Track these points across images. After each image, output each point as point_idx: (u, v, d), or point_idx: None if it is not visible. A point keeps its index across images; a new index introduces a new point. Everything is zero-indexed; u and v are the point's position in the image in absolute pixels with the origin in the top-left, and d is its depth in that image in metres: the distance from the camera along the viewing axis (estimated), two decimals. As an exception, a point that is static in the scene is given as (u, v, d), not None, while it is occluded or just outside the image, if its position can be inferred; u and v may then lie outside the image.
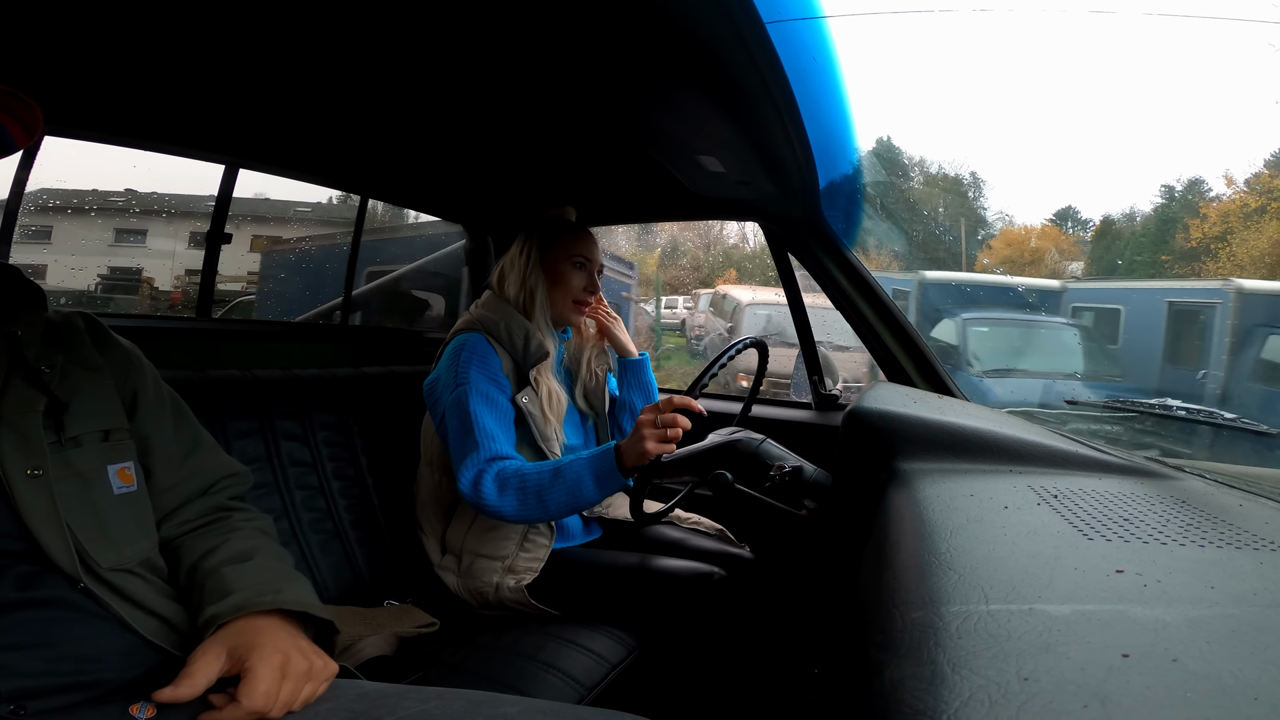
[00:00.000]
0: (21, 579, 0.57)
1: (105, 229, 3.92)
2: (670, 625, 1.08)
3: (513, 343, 1.12)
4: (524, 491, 0.99)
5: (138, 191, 3.43)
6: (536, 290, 1.16)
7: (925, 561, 0.50)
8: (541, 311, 1.17)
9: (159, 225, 5.70)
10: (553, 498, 0.98)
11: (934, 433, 0.85)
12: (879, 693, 0.38)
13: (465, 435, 1.04)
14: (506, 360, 1.12)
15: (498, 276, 1.20)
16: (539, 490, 0.99)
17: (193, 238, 6.12)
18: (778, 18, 0.75)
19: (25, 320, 0.65)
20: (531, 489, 0.99)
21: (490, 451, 1.02)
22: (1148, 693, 0.31)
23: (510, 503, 1.00)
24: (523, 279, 1.16)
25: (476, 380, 1.06)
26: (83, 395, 0.65)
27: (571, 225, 1.23)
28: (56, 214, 2.78)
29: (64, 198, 2.77)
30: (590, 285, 1.21)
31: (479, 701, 0.61)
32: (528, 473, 1.00)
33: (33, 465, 0.59)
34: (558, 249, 1.19)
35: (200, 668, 0.55)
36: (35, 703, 0.54)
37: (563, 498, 0.98)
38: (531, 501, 0.99)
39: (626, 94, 0.96)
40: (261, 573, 0.66)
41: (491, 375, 1.08)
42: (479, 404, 1.04)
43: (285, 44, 0.89)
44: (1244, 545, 0.51)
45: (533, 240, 1.19)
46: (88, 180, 2.52)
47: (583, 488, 0.98)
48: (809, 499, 1.10)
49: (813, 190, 1.29)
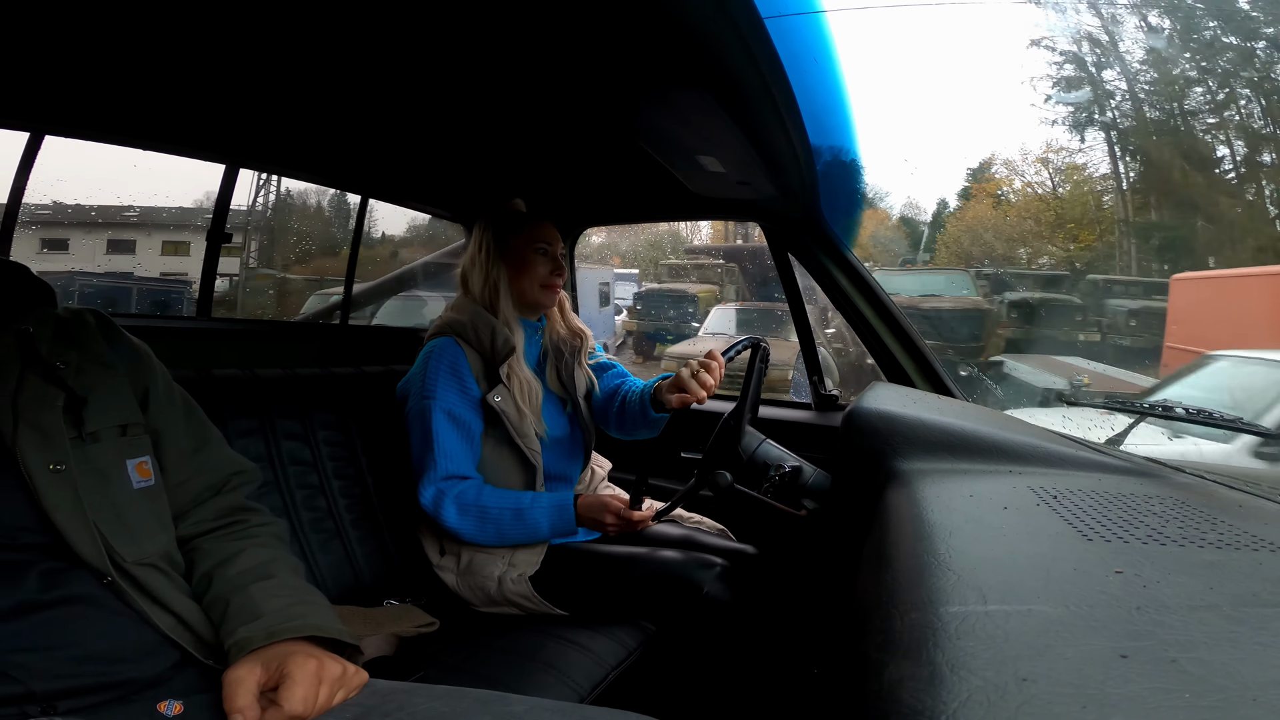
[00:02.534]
0: (46, 575, 0.57)
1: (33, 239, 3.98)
2: (673, 617, 1.08)
3: (480, 341, 1.13)
4: (483, 521, 1.07)
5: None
6: (500, 282, 1.17)
7: (924, 562, 0.50)
8: (507, 303, 1.17)
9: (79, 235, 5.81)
10: (509, 534, 1.09)
11: (934, 433, 0.85)
12: (878, 693, 0.38)
13: (425, 449, 1.09)
14: (476, 361, 1.13)
15: (461, 276, 1.21)
16: (498, 524, 1.08)
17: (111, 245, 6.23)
18: (776, 12, 0.75)
19: (36, 317, 0.65)
20: (490, 520, 1.07)
21: (446, 471, 1.08)
22: (1147, 693, 0.31)
23: (469, 527, 1.08)
24: (485, 274, 1.17)
25: (443, 395, 1.09)
26: (99, 391, 0.66)
27: (527, 215, 1.23)
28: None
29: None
30: (555, 268, 1.21)
31: (487, 700, 0.62)
32: (488, 506, 1.08)
33: (55, 461, 0.59)
34: (518, 239, 1.20)
35: (243, 691, 0.56)
36: (65, 703, 0.54)
37: (519, 535, 1.09)
38: (490, 531, 1.08)
39: (627, 94, 0.96)
40: (289, 594, 0.67)
41: (460, 386, 1.10)
42: (441, 421, 1.09)
43: (285, 44, 0.89)
44: (1244, 545, 0.51)
45: (487, 234, 1.19)
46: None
47: (539, 533, 1.09)
48: (808, 499, 1.10)
49: (813, 190, 1.29)
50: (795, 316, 1.59)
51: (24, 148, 1.06)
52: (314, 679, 0.58)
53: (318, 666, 0.59)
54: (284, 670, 0.57)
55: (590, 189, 1.53)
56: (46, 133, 1.05)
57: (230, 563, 0.69)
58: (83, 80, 0.97)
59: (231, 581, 0.67)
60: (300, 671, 0.57)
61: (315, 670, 0.58)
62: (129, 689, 0.58)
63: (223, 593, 0.66)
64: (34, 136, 1.05)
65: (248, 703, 0.55)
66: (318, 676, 0.58)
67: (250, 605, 0.64)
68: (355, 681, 0.62)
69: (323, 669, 0.59)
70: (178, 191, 8.38)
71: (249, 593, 0.65)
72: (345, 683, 0.61)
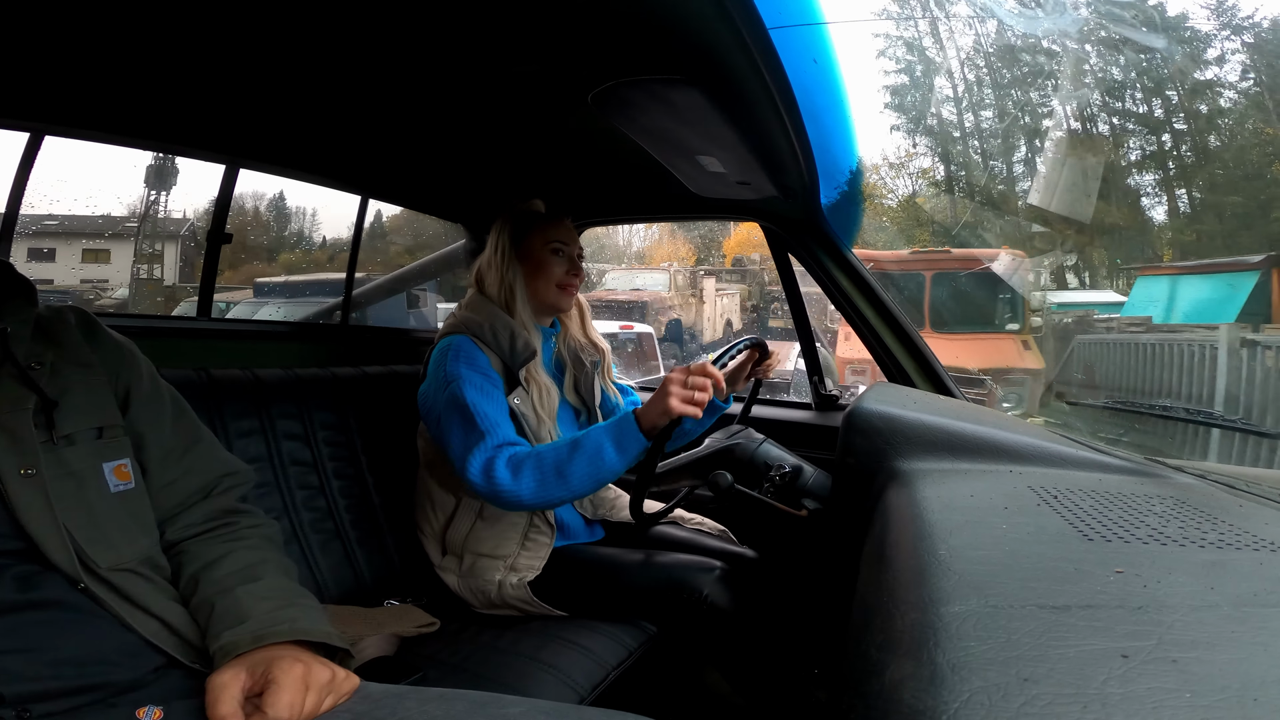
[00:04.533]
0: (21, 580, 0.56)
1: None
2: (672, 621, 1.08)
3: (499, 343, 1.10)
4: (541, 470, 0.94)
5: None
6: (515, 283, 1.15)
7: (925, 562, 0.50)
8: (523, 304, 1.15)
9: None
10: (574, 470, 0.93)
11: (934, 433, 0.85)
12: (879, 693, 0.38)
13: (469, 427, 0.99)
14: (495, 360, 1.10)
15: (476, 276, 1.20)
16: (557, 465, 0.94)
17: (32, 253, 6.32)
18: (780, 23, 0.75)
19: (14, 316, 0.64)
20: (549, 466, 0.94)
21: (499, 438, 0.98)
22: (1148, 694, 0.31)
23: (528, 484, 0.94)
24: (500, 274, 1.15)
25: (468, 374, 1.04)
26: (74, 392, 0.64)
27: (545, 215, 1.22)
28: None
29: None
30: (572, 268, 1.20)
31: (481, 702, 0.61)
32: (543, 450, 0.97)
33: (25, 465, 0.58)
34: (534, 238, 1.18)
35: (227, 697, 0.55)
36: (39, 706, 0.53)
37: (584, 469, 0.93)
38: (550, 479, 0.94)
39: (627, 93, 0.96)
40: (276, 595, 0.66)
41: (482, 370, 1.07)
42: (475, 394, 1.02)
43: (285, 44, 0.89)
44: (1244, 545, 0.51)
45: (504, 234, 1.18)
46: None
47: (604, 454, 0.93)
48: (809, 499, 1.10)
49: (813, 190, 1.29)
50: (795, 317, 1.59)
51: (24, 148, 1.06)
52: (300, 684, 0.56)
53: (304, 671, 0.57)
54: (270, 675, 0.56)
55: (590, 188, 1.53)
56: (46, 133, 1.05)
57: (216, 565, 0.67)
58: (83, 80, 0.96)
59: (217, 584, 0.65)
60: (286, 677, 0.56)
61: (302, 675, 0.57)
62: (105, 693, 0.57)
63: (208, 596, 0.64)
64: (34, 136, 1.05)
65: (231, 710, 0.54)
66: (304, 682, 0.57)
67: (236, 608, 0.63)
68: (345, 687, 0.61)
69: (310, 674, 0.58)
70: (102, 198, 8.67)
71: (235, 595, 0.64)
72: (334, 688, 0.59)
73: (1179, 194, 8.54)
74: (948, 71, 11.10)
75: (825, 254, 1.43)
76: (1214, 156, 8.26)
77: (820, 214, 1.39)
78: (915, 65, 11.84)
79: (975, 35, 10.59)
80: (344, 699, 0.60)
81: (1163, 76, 8.35)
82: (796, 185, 1.27)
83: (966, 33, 10.75)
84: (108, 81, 0.98)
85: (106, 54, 0.90)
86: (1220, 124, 8.36)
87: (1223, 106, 8.27)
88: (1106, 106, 9.10)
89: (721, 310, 9.86)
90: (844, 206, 1.45)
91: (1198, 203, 8.35)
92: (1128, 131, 9.14)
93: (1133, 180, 8.83)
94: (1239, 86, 8.68)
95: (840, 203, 1.42)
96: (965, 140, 10.87)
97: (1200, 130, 8.42)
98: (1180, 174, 8.55)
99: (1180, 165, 8.60)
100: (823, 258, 1.43)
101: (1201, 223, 8.14)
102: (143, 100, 1.05)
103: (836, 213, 1.41)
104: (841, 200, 1.42)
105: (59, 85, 0.96)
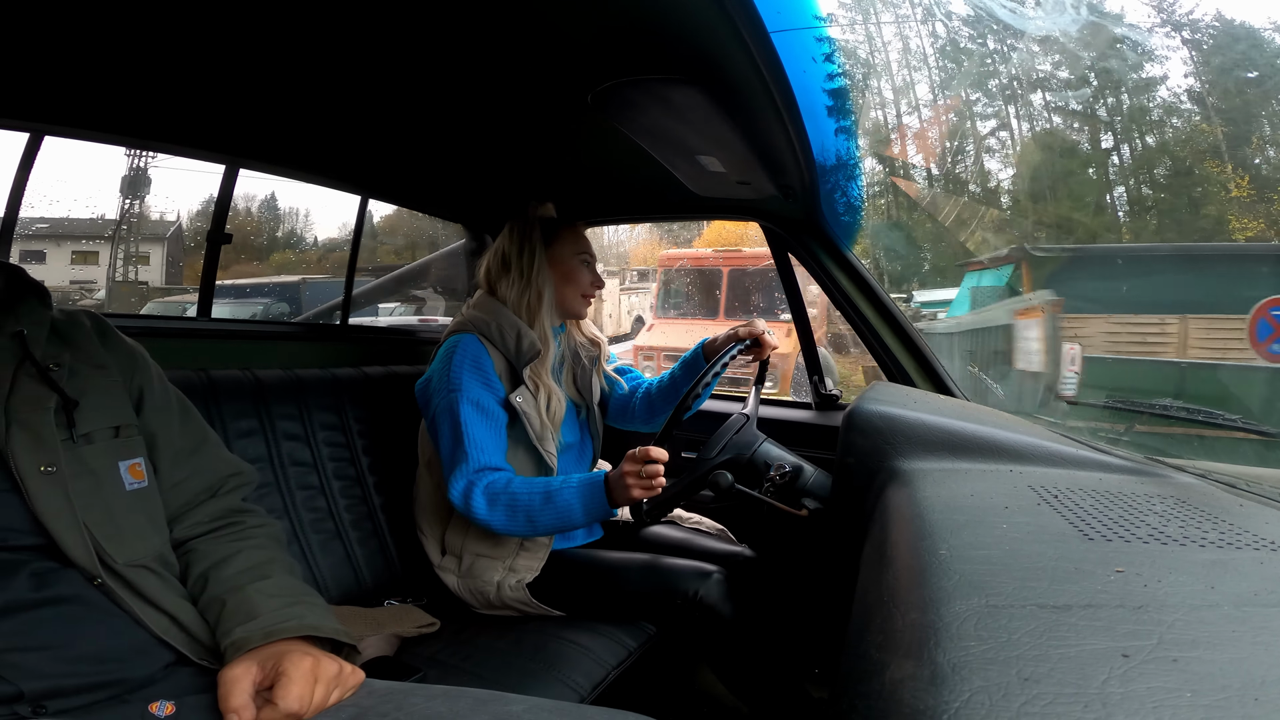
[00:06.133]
0: (38, 576, 0.57)
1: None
2: (672, 622, 1.08)
3: (504, 341, 1.12)
4: (513, 509, 1.02)
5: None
6: (545, 290, 1.16)
7: (925, 562, 0.50)
8: (549, 311, 1.16)
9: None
10: (542, 521, 1.02)
11: (934, 433, 0.85)
12: (879, 693, 0.38)
13: (455, 444, 1.05)
14: (500, 360, 1.11)
15: (487, 275, 1.20)
16: (528, 511, 1.02)
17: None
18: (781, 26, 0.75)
19: (30, 318, 0.65)
20: (521, 508, 1.02)
21: (479, 463, 1.04)
22: (1148, 693, 0.31)
23: (499, 518, 1.03)
24: (529, 280, 1.15)
25: (469, 386, 1.07)
26: (92, 392, 0.66)
27: (568, 222, 1.23)
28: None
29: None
30: (596, 280, 1.24)
31: (485, 700, 0.62)
32: (518, 492, 1.03)
33: (46, 462, 0.59)
34: (564, 247, 1.20)
35: (239, 690, 0.56)
36: (55, 702, 0.54)
37: (551, 521, 1.02)
38: (520, 520, 1.02)
39: (627, 93, 0.96)
40: (285, 593, 0.67)
41: (485, 380, 1.09)
42: (470, 412, 1.06)
43: (285, 44, 0.89)
44: (1244, 545, 0.51)
45: (535, 240, 1.18)
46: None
47: (572, 515, 1.02)
48: (809, 499, 1.10)
49: (813, 190, 1.29)
50: (795, 317, 1.59)
51: (24, 148, 1.06)
52: (310, 677, 0.58)
53: (314, 665, 0.59)
54: (280, 669, 0.57)
55: (590, 188, 1.53)
56: (46, 133, 1.05)
57: (226, 563, 0.68)
58: (83, 80, 0.96)
59: (228, 582, 0.67)
60: (296, 670, 0.57)
61: (311, 669, 0.58)
62: (120, 689, 0.58)
63: (219, 593, 0.66)
64: (34, 136, 1.05)
65: (243, 702, 0.55)
66: (314, 675, 0.58)
67: (247, 605, 0.64)
68: (352, 681, 0.62)
69: (319, 668, 0.59)
70: (85, 202, 8.79)
71: (246, 593, 0.65)
72: (341, 682, 0.61)
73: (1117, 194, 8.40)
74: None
75: (825, 254, 1.43)
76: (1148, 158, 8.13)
77: (820, 214, 1.39)
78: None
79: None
80: (350, 693, 0.62)
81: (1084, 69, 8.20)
82: (796, 185, 1.27)
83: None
84: (108, 82, 0.98)
85: (106, 54, 0.90)
86: (1148, 122, 8.22)
87: (1146, 105, 8.16)
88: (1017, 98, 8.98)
89: (629, 308, 11.01)
90: (844, 206, 1.45)
91: (1124, 200, 8.24)
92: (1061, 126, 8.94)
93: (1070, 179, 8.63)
94: (1170, 84, 8.53)
95: (840, 202, 1.42)
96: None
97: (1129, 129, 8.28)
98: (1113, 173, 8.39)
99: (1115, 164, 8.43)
100: (822, 257, 1.43)
101: (1137, 219, 8.04)
102: (143, 100, 1.05)
103: (836, 212, 1.41)
104: (841, 200, 1.42)
105: (59, 85, 0.96)
